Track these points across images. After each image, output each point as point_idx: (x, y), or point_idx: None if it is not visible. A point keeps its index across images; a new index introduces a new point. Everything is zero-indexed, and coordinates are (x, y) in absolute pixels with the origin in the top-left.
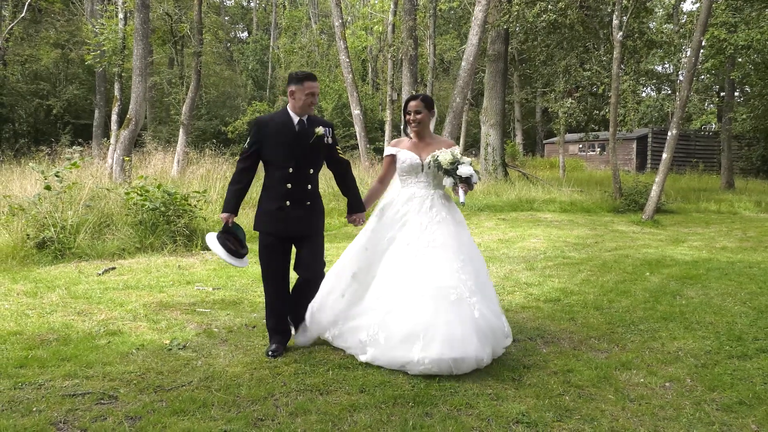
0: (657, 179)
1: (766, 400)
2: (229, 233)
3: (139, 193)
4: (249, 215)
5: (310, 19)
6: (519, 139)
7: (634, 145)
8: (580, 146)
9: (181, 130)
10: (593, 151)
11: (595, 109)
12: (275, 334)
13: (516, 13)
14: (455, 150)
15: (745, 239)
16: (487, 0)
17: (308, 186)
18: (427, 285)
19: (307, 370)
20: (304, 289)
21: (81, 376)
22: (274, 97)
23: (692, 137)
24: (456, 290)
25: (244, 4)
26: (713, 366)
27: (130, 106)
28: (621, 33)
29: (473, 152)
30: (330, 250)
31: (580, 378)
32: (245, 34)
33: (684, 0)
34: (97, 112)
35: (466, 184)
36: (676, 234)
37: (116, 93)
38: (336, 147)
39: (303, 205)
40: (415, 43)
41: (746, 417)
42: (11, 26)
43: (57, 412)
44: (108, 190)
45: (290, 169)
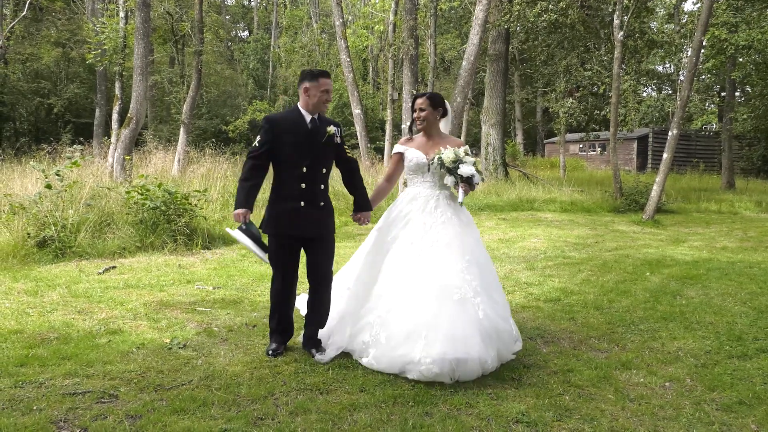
0: (657, 179)
1: (766, 400)
2: (249, 230)
3: (140, 192)
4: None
5: (311, 18)
6: (519, 138)
7: (635, 145)
8: (581, 146)
9: (181, 129)
10: (594, 151)
11: (595, 109)
12: (277, 334)
13: (517, 12)
14: (460, 149)
15: (745, 239)
16: (487, 0)
17: (321, 185)
18: (430, 283)
19: (307, 369)
20: (318, 292)
21: (81, 375)
22: (274, 96)
23: (693, 137)
24: (460, 290)
25: (245, 3)
26: (713, 366)
27: (131, 105)
28: (622, 33)
29: (474, 152)
30: None
31: (580, 378)
32: (246, 33)
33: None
34: (97, 110)
35: (467, 184)
36: (677, 234)
37: (117, 92)
38: (344, 146)
39: (317, 205)
40: (416, 42)
41: (746, 417)
42: (12, 24)
43: (57, 410)
44: (109, 189)
45: (304, 169)
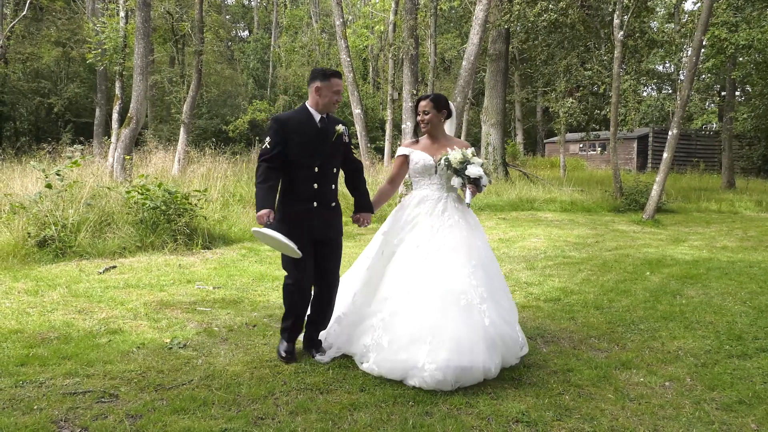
0: (657, 179)
1: (766, 400)
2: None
3: (140, 191)
4: (250, 214)
5: (311, 18)
6: (520, 138)
7: (635, 145)
8: (581, 146)
9: (181, 128)
10: (594, 151)
11: (595, 109)
12: (292, 335)
13: (517, 12)
14: (468, 150)
15: (745, 239)
16: None
17: (332, 186)
18: (436, 288)
19: (308, 369)
20: (325, 297)
21: (82, 375)
22: (274, 95)
23: (693, 137)
24: (466, 295)
25: (245, 2)
26: (713, 365)
27: (131, 105)
28: (622, 32)
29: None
30: None
31: (580, 377)
32: (246, 33)
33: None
34: (98, 110)
35: (474, 186)
36: (677, 233)
37: (117, 91)
38: (351, 147)
39: (329, 206)
40: (416, 42)
41: (746, 416)
42: (12, 24)
43: (58, 410)
44: (109, 188)
45: (316, 169)
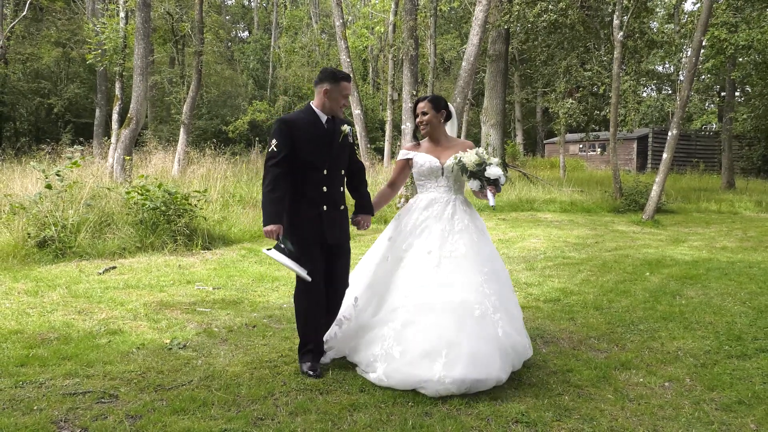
0: (657, 179)
1: (765, 400)
2: (285, 246)
3: (140, 192)
4: (249, 215)
5: (311, 18)
6: (519, 139)
7: (635, 145)
8: (581, 146)
9: (181, 129)
10: (594, 151)
11: (595, 109)
12: (316, 353)
13: (517, 13)
14: (480, 150)
15: (745, 239)
16: (487, 0)
17: (341, 188)
18: (450, 298)
19: None
20: (332, 301)
21: (81, 375)
22: (274, 96)
23: (693, 137)
24: (480, 306)
25: (245, 3)
26: (712, 366)
27: (131, 105)
28: (622, 33)
29: None
30: None
31: (580, 378)
32: (246, 34)
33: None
34: (98, 111)
35: (494, 186)
36: (677, 234)
37: (117, 92)
38: (354, 147)
39: (338, 209)
40: (416, 43)
41: (745, 416)
42: (12, 24)
43: (58, 410)
44: (109, 189)
45: (324, 171)
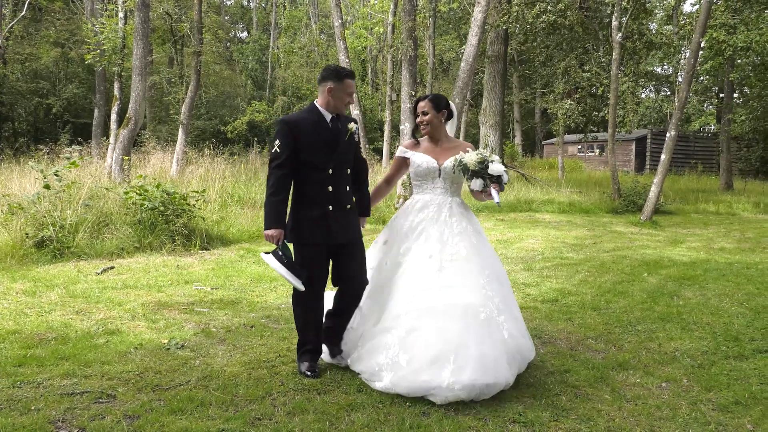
0: (655, 180)
1: (762, 400)
2: (283, 253)
3: (138, 192)
4: (248, 215)
5: (310, 19)
6: (518, 139)
7: (633, 146)
8: (579, 147)
9: (180, 129)
10: (592, 152)
11: (594, 110)
12: (314, 353)
13: (515, 14)
14: (481, 150)
15: (743, 240)
16: (486, 1)
17: (347, 187)
18: (455, 302)
19: None
20: (350, 304)
21: (79, 375)
22: (273, 96)
23: (691, 138)
24: (485, 309)
25: (244, 3)
26: (710, 366)
27: (130, 106)
28: (620, 34)
29: None
30: None
31: (577, 378)
32: (245, 34)
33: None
34: (96, 111)
35: (498, 184)
36: (675, 235)
37: (116, 92)
38: (359, 145)
39: (344, 208)
40: (415, 43)
41: (742, 417)
42: (11, 24)
43: (55, 410)
44: (107, 189)
45: (329, 171)
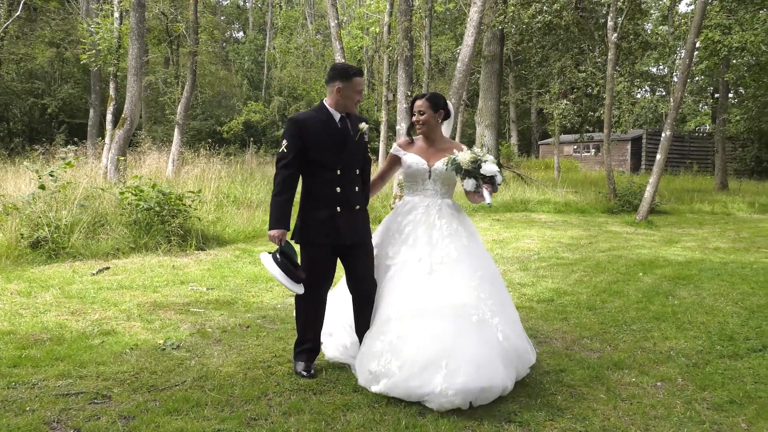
0: (651, 180)
1: (757, 399)
2: (284, 254)
3: (134, 192)
4: (244, 215)
5: (306, 19)
6: (514, 140)
7: (629, 146)
8: (575, 147)
9: (176, 129)
10: (588, 152)
11: (590, 111)
12: (311, 353)
13: (511, 14)
14: (475, 149)
15: (738, 240)
16: (482, 1)
17: (356, 188)
18: (445, 306)
19: None
20: (365, 305)
21: (74, 376)
22: (269, 97)
23: (686, 138)
24: (477, 311)
25: (240, 3)
26: (704, 365)
27: (125, 106)
28: (616, 34)
29: None
30: None
31: (572, 377)
32: (241, 34)
33: (679, 2)
34: (92, 111)
35: (491, 185)
36: (670, 235)
37: (111, 92)
38: (367, 144)
39: (353, 209)
40: (411, 43)
41: (737, 416)
42: (6, 24)
43: (50, 411)
44: (102, 189)
45: (338, 171)
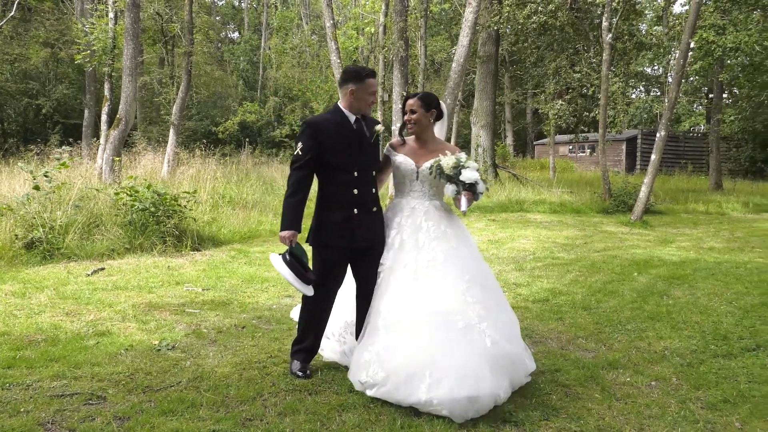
0: (646, 180)
1: (750, 399)
2: (294, 255)
3: (129, 193)
4: (239, 216)
5: (302, 19)
6: (509, 140)
7: (624, 147)
8: (570, 147)
9: (171, 130)
10: (583, 153)
11: (585, 111)
12: (308, 353)
13: (506, 14)
14: (461, 154)
15: (732, 240)
16: (477, 2)
17: (372, 189)
18: (430, 312)
19: None
20: (365, 304)
21: (69, 377)
22: (264, 97)
23: (681, 139)
24: (463, 316)
25: (235, 4)
26: (699, 365)
27: (120, 106)
28: (611, 35)
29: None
30: None
31: (567, 377)
32: (236, 35)
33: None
34: (86, 111)
35: (471, 193)
36: (665, 235)
37: (106, 93)
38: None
39: (370, 211)
40: (407, 44)
41: (730, 415)
42: (0, 24)
43: (45, 412)
44: (97, 190)
45: (355, 173)
